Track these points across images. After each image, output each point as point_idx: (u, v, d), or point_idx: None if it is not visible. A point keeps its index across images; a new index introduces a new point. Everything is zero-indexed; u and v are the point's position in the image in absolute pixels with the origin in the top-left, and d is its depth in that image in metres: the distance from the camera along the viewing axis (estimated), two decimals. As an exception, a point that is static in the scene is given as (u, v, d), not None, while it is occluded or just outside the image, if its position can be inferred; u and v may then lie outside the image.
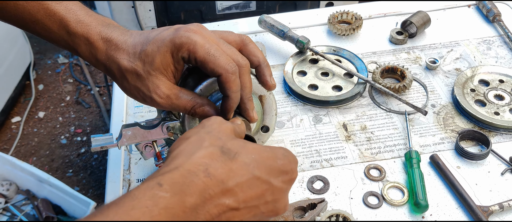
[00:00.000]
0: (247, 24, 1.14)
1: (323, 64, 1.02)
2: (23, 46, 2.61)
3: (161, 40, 0.65)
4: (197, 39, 0.64)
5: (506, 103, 0.93)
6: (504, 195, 0.79)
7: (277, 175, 0.57)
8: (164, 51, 0.64)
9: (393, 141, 0.88)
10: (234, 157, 0.54)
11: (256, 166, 0.55)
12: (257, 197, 0.55)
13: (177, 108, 0.67)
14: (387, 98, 0.96)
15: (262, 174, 0.55)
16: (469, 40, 1.09)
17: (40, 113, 2.60)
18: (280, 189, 0.57)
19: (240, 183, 0.53)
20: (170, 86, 0.66)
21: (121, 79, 0.67)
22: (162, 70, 0.65)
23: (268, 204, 0.56)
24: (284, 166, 0.58)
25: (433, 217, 0.76)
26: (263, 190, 0.55)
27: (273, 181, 0.56)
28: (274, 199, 0.57)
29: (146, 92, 0.66)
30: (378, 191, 0.79)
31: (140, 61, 0.65)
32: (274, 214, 0.58)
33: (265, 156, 0.57)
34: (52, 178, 1.92)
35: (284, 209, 0.59)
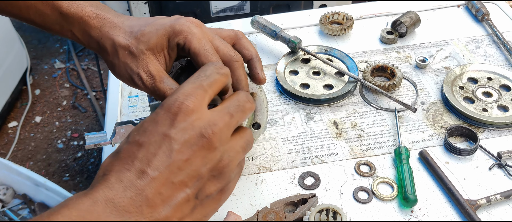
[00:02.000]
0: (240, 25, 1.16)
1: (315, 63, 1.04)
2: (19, 51, 2.62)
3: (160, 24, 0.67)
4: (196, 31, 0.67)
5: (494, 100, 0.95)
6: (491, 189, 0.80)
7: (167, 124, 0.50)
8: (161, 34, 0.67)
9: (383, 137, 0.89)
10: (119, 150, 0.51)
11: (142, 133, 0.51)
12: (163, 156, 0.49)
13: (158, 92, 0.67)
14: (378, 96, 0.97)
15: (150, 137, 0.50)
16: (458, 39, 1.11)
17: (37, 117, 2.61)
18: (179, 130, 0.50)
19: (134, 160, 0.49)
20: (159, 69, 0.67)
21: (112, 55, 0.69)
22: (155, 52, 0.67)
23: (182, 151, 0.50)
24: (168, 110, 0.51)
25: (422, 211, 0.77)
26: (162, 146, 0.50)
27: (166, 131, 0.50)
28: (182, 142, 0.50)
29: (134, 69, 0.67)
30: (368, 187, 0.81)
31: (135, 39, 0.67)
32: (206, 149, 0.51)
33: (147, 121, 0.52)
34: (49, 182, 1.93)
35: (204, 135, 0.51)
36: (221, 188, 0.54)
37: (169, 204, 0.49)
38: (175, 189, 0.49)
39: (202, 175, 0.51)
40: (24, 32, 3.13)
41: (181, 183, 0.49)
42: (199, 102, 0.52)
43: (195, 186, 0.51)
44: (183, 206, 0.50)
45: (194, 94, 0.52)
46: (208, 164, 0.51)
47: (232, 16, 1.55)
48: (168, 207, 0.49)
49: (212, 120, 0.52)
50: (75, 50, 3.00)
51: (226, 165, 0.53)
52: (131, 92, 1.00)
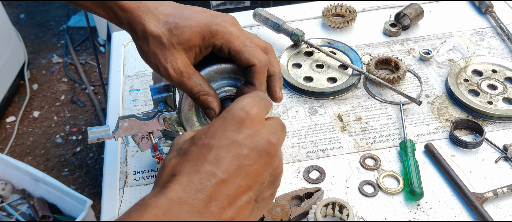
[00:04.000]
0: (242, 18, 1.15)
1: (318, 56, 1.03)
2: (17, 46, 2.61)
3: (196, 20, 0.66)
4: (233, 30, 0.66)
5: (499, 92, 0.94)
6: (498, 182, 0.79)
7: (235, 129, 0.53)
8: (196, 32, 0.65)
9: (388, 130, 0.89)
10: (186, 151, 0.54)
11: (211, 136, 0.53)
12: (232, 159, 0.52)
13: (184, 87, 0.67)
14: (382, 89, 0.97)
15: (220, 141, 0.53)
16: (462, 31, 1.10)
17: (35, 112, 2.59)
18: (247, 137, 0.53)
19: (204, 163, 0.52)
20: (187, 64, 0.66)
21: (142, 40, 0.67)
22: (187, 47, 0.66)
23: (250, 156, 0.53)
24: (235, 117, 0.54)
25: (428, 205, 0.77)
26: (232, 150, 0.52)
27: (235, 136, 0.53)
28: (251, 148, 0.53)
29: (162, 61, 0.66)
30: (373, 180, 0.80)
31: (168, 31, 0.66)
32: (269, 156, 0.54)
33: (215, 125, 0.55)
34: (48, 177, 1.92)
35: (271, 142, 0.54)
36: (272, 193, 0.58)
37: (235, 206, 0.52)
38: (241, 192, 0.52)
39: (264, 180, 0.54)
40: (21, 27, 3.11)
41: (247, 186, 0.52)
42: (262, 114, 0.56)
43: (257, 190, 0.54)
44: (245, 208, 0.53)
45: (258, 106, 0.56)
46: (269, 169, 0.55)
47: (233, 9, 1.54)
48: (234, 209, 0.51)
49: (273, 129, 0.56)
50: (72, 44, 2.98)
51: (280, 172, 0.57)
52: (132, 86, 0.99)
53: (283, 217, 0.73)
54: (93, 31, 2.91)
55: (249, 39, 0.67)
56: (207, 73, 0.69)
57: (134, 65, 1.04)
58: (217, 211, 0.50)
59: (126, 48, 1.08)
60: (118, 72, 1.02)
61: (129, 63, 1.04)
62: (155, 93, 0.76)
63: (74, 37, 3.05)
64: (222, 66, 0.70)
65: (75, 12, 3.22)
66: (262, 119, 0.56)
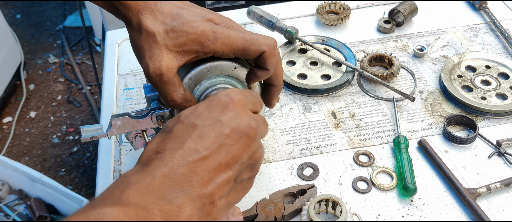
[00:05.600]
0: (236, 16, 1.15)
1: (312, 53, 1.03)
2: (13, 46, 2.60)
3: (193, 26, 0.65)
4: (231, 32, 0.66)
5: (492, 88, 0.94)
6: (491, 177, 0.80)
7: (220, 111, 0.58)
8: (192, 38, 0.65)
9: (382, 127, 0.89)
10: (171, 129, 0.57)
11: (196, 116, 0.57)
12: (215, 137, 0.55)
13: (160, 90, 0.67)
14: (375, 86, 0.97)
15: (204, 120, 0.56)
16: (456, 27, 1.10)
17: (32, 112, 2.59)
18: (230, 118, 0.57)
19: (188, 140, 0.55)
20: (170, 68, 0.65)
21: (135, 31, 0.67)
22: (180, 51, 0.65)
23: (231, 136, 0.56)
24: (220, 100, 0.59)
25: (422, 200, 0.77)
26: (215, 129, 0.56)
27: (218, 117, 0.57)
28: (232, 128, 0.57)
29: (147, 57, 0.65)
30: (367, 176, 0.80)
31: (164, 32, 0.65)
32: (249, 139, 0.58)
33: (201, 106, 0.59)
34: (45, 177, 1.92)
35: (251, 126, 0.58)
36: (250, 177, 0.60)
37: (215, 182, 0.54)
38: (221, 169, 0.55)
39: (243, 161, 0.57)
40: (17, 27, 3.11)
41: (226, 164, 0.55)
42: (245, 102, 0.60)
43: (236, 169, 0.56)
44: (224, 185, 0.55)
45: (242, 95, 0.60)
46: (249, 152, 0.58)
47: (227, 7, 1.53)
48: (214, 184, 0.54)
49: (255, 116, 0.60)
50: (69, 44, 2.98)
51: (259, 157, 0.60)
52: (126, 85, 0.99)
53: (277, 214, 0.74)
54: (89, 31, 2.91)
55: (248, 32, 0.67)
56: (199, 71, 0.69)
57: (128, 64, 1.04)
58: (198, 185, 0.53)
59: (120, 47, 1.08)
60: (112, 71, 1.02)
61: (123, 62, 1.04)
62: (148, 91, 0.75)
63: (70, 37, 3.05)
64: (214, 64, 0.70)
65: (71, 12, 3.21)
66: (245, 106, 0.59)
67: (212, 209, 0.54)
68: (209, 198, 0.54)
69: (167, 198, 0.50)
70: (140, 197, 0.49)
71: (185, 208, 0.50)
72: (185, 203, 0.51)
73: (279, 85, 0.73)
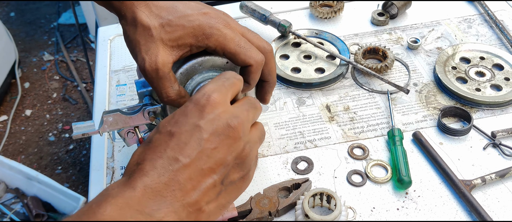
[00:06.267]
0: (229, 10, 1.14)
1: (306, 47, 1.02)
2: (7, 44, 2.59)
3: (189, 20, 0.65)
4: (227, 32, 0.65)
5: (487, 79, 0.94)
6: (486, 169, 0.79)
7: (196, 115, 0.55)
8: (188, 32, 0.65)
9: (376, 120, 0.88)
10: (150, 140, 0.55)
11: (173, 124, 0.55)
12: (193, 144, 0.53)
13: (155, 86, 0.66)
14: (370, 79, 0.96)
15: (181, 127, 0.54)
16: (450, 19, 1.10)
17: (27, 110, 2.58)
18: (207, 121, 0.55)
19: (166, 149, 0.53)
20: (165, 63, 0.64)
21: (130, 24, 0.66)
22: (175, 45, 0.65)
23: (211, 140, 0.54)
24: (196, 104, 0.56)
25: (417, 193, 0.76)
26: (192, 135, 0.54)
27: (195, 121, 0.54)
28: (211, 132, 0.54)
29: (142, 51, 0.65)
30: (361, 169, 0.80)
31: (160, 25, 0.64)
32: (231, 139, 0.55)
33: (178, 113, 0.56)
34: (41, 175, 1.91)
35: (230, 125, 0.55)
36: (242, 176, 0.58)
37: (199, 189, 0.53)
38: (204, 175, 0.53)
39: (228, 162, 0.55)
40: (11, 25, 3.09)
41: (210, 169, 0.53)
42: (224, 97, 0.57)
43: (221, 173, 0.55)
44: (210, 191, 0.54)
45: (219, 90, 0.57)
46: (233, 152, 0.56)
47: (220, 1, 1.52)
48: (198, 191, 0.53)
49: (235, 112, 0.57)
50: (63, 42, 2.96)
51: (248, 154, 0.57)
52: (119, 81, 0.98)
53: (271, 209, 0.73)
54: (84, 28, 2.90)
55: (243, 40, 0.66)
56: (191, 66, 0.69)
57: (120, 60, 1.03)
58: (181, 194, 0.51)
59: (112, 43, 1.07)
60: (104, 68, 1.01)
61: (116, 58, 1.03)
62: (140, 87, 0.75)
63: (65, 35, 3.03)
64: (206, 59, 0.69)
65: (66, 9, 3.20)
66: (224, 103, 0.57)
67: (200, 215, 0.53)
68: (194, 205, 0.52)
69: (147, 212, 0.49)
70: (117, 211, 0.48)
71: (167, 221, 0.49)
72: (167, 215, 0.50)
73: (273, 81, 0.72)
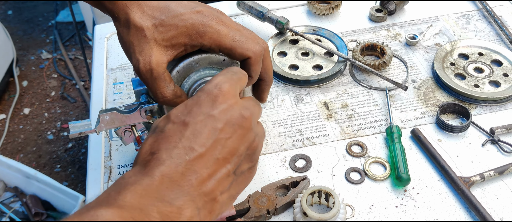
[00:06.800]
0: (226, 8, 1.14)
1: (303, 44, 1.02)
2: (5, 42, 2.58)
3: (182, 19, 0.64)
4: (220, 28, 0.65)
5: (485, 75, 0.93)
6: (485, 166, 0.79)
7: (210, 105, 0.55)
8: (182, 32, 0.64)
9: (374, 117, 0.88)
10: (163, 129, 0.55)
11: (187, 113, 0.55)
12: (208, 133, 0.54)
13: (150, 86, 0.66)
14: (368, 76, 0.96)
15: (195, 117, 0.54)
16: (448, 15, 1.09)
17: (25, 109, 2.57)
18: (221, 111, 0.55)
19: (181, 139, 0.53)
20: (160, 63, 0.64)
21: (123, 26, 0.66)
22: (169, 45, 0.65)
23: (225, 129, 0.55)
24: (209, 94, 0.56)
25: (415, 190, 0.76)
26: (207, 125, 0.54)
27: (209, 112, 0.55)
28: (225, 122, 0.55)
29: (136, 52, 0.64)
30: (360, 167, 0.80)
31: (153, 26, 0.64)
32: (244, 129, 0.56)
33: (190, 103, 0.57)
34: (40, 174, 1.91)
35: (243, 116, 0.56)
36: (251, 166, 0.59)
37: (214, 178, 0.53)
38: (219, 164, 0.54)
39: (241, 152, 0.56)
40: (9, 23, 3.08)
41: (224, 159, 0.54)
42: (234, 89, 0.58)
43: (235, 162, 0.55)
44: (224, 180, 0.54)
45: (230, 82, 0.58)
46: (246, 142, 0.56)
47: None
48: (213, 181, 0.53)
49: (246, 104, 0.58)
50: (61, 40, 2.96)
51: (257, 145, 0.59)
52: (116, 79, 0.98)
53: (269, 207, 0.73)
54: (82, 26, 2.89)
55: (239, 33, 0.66)
56: (187, 64, 0.68)
57: (117, 58, 1.02)
58: (197, 183, 0.52)
59: (109, 41, 1.07)
60: (101, 66, 1.01)
61: (112, 56, 1.03)
62: (137, 85, 0.74)
63: (62, 33, 3.02)
64: (202, 56, 0.69)
65: (63, 7, 3.19)
66: (235, 95, 0.58)
67: (214, 205, 0.54)
68: (210, 194, 0.53)
69: (167, 200, 0.49)
70: (138, 199, 0.48)
71: (186, 209, 0.50)
72: (185, 204, 0.50)
73: (269, 79, 0.71)
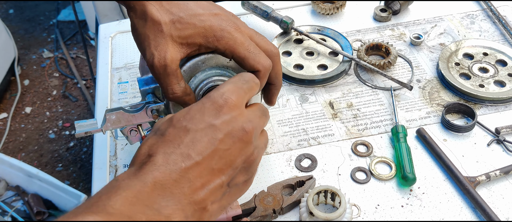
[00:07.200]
0: (231, 7, 1.13)
1: (308, 43, 1.02)
2: (6, 41, 2.58)
3: (201, 20, 0.65)
4: (237, 36, 0.65)
5: (490, 75, 0.93)
6: (490, 165, 0.79)
7: (213, 115, 0.55)
8: (199, 32, 0.65)
9: (380, 116, 0.88)
10: (163, 133, 0.55)
11: (189, 119, 0.55)
12: (207, 143, 0.54)
13: (162, 82, 0.66)
14: (373, 75, 0.96)
15: (197, 124, 0.54)
16: (453, 15, 1.09)
17: (27, 108, 2.57)
18: (224, 122, 0.55)
19: (180, 145, 0.53)
20: (174, 59, 0.64)
21: (139, 19, 0.66)
22: (185, 43, 0.65)
23: (225, 141, 0.54)
24: (214, 103, 0.56)
25: (421, 190, 0.76)
26: (208, 134, 0.54)
27: (212, 121, 0.55)
28: (226, 133, 0.55)
29: (152, 47, 0.64)
30: (365, 167, 0.80)
31: (171, 21, 0.64)
32: (243, 143, 0.56)
33: (194, 109, 0.56)
34: (42, 173, 1.91)
35: (244, 129, 0.56)
36: (246, 179, 0.59)
37: (207, 188, 0.53)
38: (214, 175, 0.54)
39: (237, 165, 0.56)
40: (10, 22, 3.08)
41: (220, 170, 0.54)
42: (241, 100, 0.58)
43: (229, 175, 0.55)
44: (217, 191, 0.54)
45: (237, 93, 0.58)
46: (243, 155, 0.56)
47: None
48: (206, 190, 0.53)
49: (250, 117, 0.57)
50: (63, 39, 2.96)
51: (255, 158, 0.58)
52: (121, 79, 0.98)
53: (275, 206, 0.73)
54: (84, 25, 2.89)
55: (253, 44, 0.66)
56: (194, 63, 0.68)
57: (122, 58, 1.02)
58: (189, 192, 0.52)
59: (113, 40, 1.07)
60: (105, 65, 1.01)
61: (117, 56, 1.03)
62: (143, 84, 0.74)
63: (64, 31, 3.02)
64: (209, 56, 0.69)
65: (65, 6, 3.18)
66: (241, 106, 0.58)
67: (203, 214, 0.54)
68: (201, 204, 0.53)
69: (156, 208, 0.49)
70: (127, 206, 0.48)
71: (173, 218, 0.50)
72: (173, 213, 0.50)
73: (279, 84, 0.72)
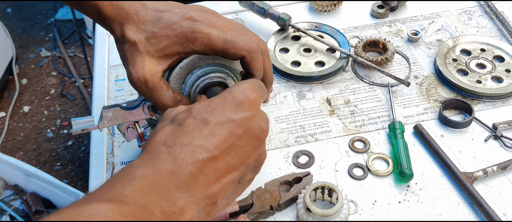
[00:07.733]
0: (228, 4, 1.13)
1: (305, 40, 1.02)
2: (4, 40, 2.57)
3: (173, 29, 0.65)
4: (211, 31, 0.64)
5: (487, 71, 0.93)
6: (488, 161, 0.79)
7: (234, 110, 0.56)
8: (173, 41, 0.65)
9: (377, 113, 0.88)
10: (182, 123, 0.55)
11: (210, 112, 0.55)
12: (226, 137, 0.54)
13: (149, 95, 0.66)
14: (370, 72, 0.96)
15: (217, 118, 0.55)
16: (450, 11, 1.09)
17: (25, 107, 2.57)
18: (244, 119, 0.56)
19: (199, 136, 0.53)
20: (154, 73, 0.65)
21: (119, 42, 0.68)
22: (163, 55, 0.65)
23: (243, 137, 0.55)
24: (235, 98, 0.56)
25: (418, 186, 0.76)
26: (227, 128, 0.54)
27: (232, 116, 0.55)
28: (245, 130, 0.55)
29: (130, 66, 0.66)
30: (363, 163, 0.80)
31: (145, 39, 0.65)
32: (259, 141, 0.57)
33: (214, 102, 0.57)
34: (40, 172, 1.91)
35: (262, 129, 0.57)
36: (252, 178, 0.60)
37: (221, 182, 0.53)
38: (228, 170, 0.54)
39: (249, 163, 0.56)
40: (8, 21, 3.07)
41: (234, 166, 0.54)
42: (259, 100, 0.58)
43: (241, 171, 0.56)
44: (228, 186, 0.55)
45: (257, 92, 0.58)
46: (256, 154, 0.57)
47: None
48: (219, 185, 0.53)
49: (266, 118, 0.58)
50: (61, 37, 2.95)
51: (264, 159, 0.60)
52: (118, 76, 0.98)
53: (272, 203, 0.73)
54: (81, 24, 2.88)
55: (230, 33, 0.65)
56: (191, 60, 0.68)
57: (118, 55, 1.02)
58: (204, 185, 0.52)
59: (110, 38, 1.06)
60: (102, 63, 1.01)
61: (114, 53, 1.03)
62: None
63: (62, 30, 3.02)
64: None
65: (62, 5, 3.18)
66: (259, 106, 0.58)
67: (213, 209, 0.54)
68: (212, 198, 0.53)
69: (171, 198, 0.49)
70: (142, 196, 0.48)
71: (187, 211, 0.50)
72: (188, 205, 0.50)
73: (269, 80, 0.71)
